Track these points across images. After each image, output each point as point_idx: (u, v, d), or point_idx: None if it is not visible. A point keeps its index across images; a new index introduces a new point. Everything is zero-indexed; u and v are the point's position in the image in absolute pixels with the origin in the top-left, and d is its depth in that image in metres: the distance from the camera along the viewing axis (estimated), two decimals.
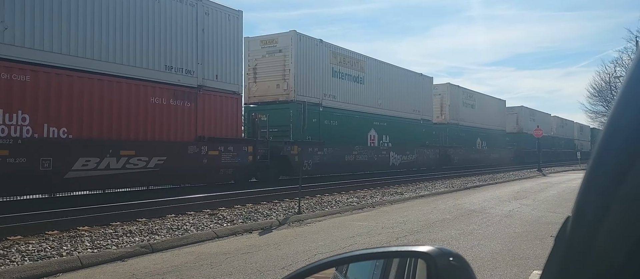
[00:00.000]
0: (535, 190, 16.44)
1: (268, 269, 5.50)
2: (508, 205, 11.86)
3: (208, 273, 5.38)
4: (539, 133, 32.45)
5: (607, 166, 0.48)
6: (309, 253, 6.40)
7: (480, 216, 9.81)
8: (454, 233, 7.81)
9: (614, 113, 0.49)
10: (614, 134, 0.48)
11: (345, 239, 7.36)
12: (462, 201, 12.80)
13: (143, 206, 9.87)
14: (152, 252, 6.54)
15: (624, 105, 0.48)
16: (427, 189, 16.38)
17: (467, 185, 18.44)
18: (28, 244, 6.59)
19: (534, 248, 6.51)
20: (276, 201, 12.04)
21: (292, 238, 7.57)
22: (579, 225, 0.50)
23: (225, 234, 7.84)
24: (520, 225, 8.67)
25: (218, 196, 11.79)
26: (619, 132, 0.47)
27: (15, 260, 5.82)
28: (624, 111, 0.48)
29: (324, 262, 1.02)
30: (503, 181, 21.07)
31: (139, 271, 5.53)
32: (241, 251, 6.59)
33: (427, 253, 0.90)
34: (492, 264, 5.63)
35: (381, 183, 17.33)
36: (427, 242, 5.74)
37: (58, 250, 6.34)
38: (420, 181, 19.24)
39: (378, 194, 14.38)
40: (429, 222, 9.04)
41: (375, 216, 10.12)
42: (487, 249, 6.46)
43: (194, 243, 7.19)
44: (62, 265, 5.64)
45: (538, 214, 10.14)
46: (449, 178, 21.28)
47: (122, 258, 6.17)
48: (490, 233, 7.75)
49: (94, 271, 5.59)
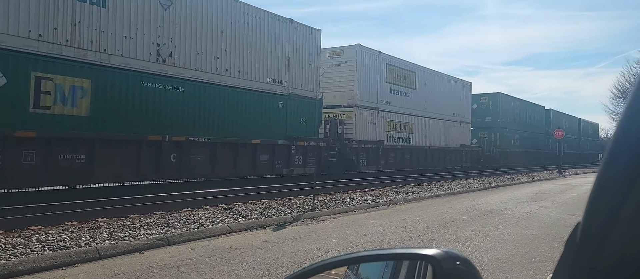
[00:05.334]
0: (554, 191, 16.15)
1: (281, 265, 5.53)
2: (526, 206, 11.68)
3: (222, 267, 5.43)
4: (559, 134, 32.17)
5: (618, 171, 0.46)
6: (322, 250, 6.41)
7: (496, 217, 9.69)
8: (470, 233, 7.73)
9: (624, 118, 0.47)
10: (624, 139, 0.46)
11: (359, 238, 7.34)
12: (478, 201, 12.65)
13: (160, 199, 10.02)
14: (168, 245, 6.64)
15: (635, 109, 0.46)
16: (443, 189, 16.24)
17: (484, 185, 18.22)
18: (48, 235, 6.75)
19: (552, 251, 6.39)
20: (290, 198, 12.08)
21: (305, 235, 7.59)
22: (588, 231, 0.49)
23: (240, 229, 7.90)
24: (538, 227, 8.54)
25: (233, 192, 11.89)
26: (629, 136, 0.46)
27: (35, 250, 5.97)
28: (634, 116, 0.46)
29: (328, 262, 1.02)
30: (521, 182, 20.75)
31: (155, 264, 5.62)
32: (255, 246, 6.64)
33: (433, 257, 0.89)
34: (507, 267, 5.55)
35: (396, 182, 17.25)
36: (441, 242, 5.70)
37: (77, 241, 6.48)
38: (436, 181, 19.08)
39: (393, 193, 14.31)
40: (444, 222, 8.96)
41: (389, 215, 10.07)
42: (503, 251, 6.37)
43: (209, 237, 7.27)
44: (80, 256, 5.76)
45: (557, 216, 9.96)
46: (466, 178, 21.06)
47: (139, 250, 6.27)
48: (507, 235, 7.65)
49: (111, 262, 5.70)
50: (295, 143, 16.32)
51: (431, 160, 25.71)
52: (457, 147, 28.57)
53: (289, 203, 11.23)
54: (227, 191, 11.91)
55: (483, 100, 35.25)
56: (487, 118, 34.64)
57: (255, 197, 11.59)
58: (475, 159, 30.98)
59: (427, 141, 25.33)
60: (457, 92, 28.99)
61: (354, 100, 20.21)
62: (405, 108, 23.61)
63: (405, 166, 23.22)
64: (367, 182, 16.37)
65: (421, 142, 24.77)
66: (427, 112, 25.26)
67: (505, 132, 35.03)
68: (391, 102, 22.43)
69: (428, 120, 25.40)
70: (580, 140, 55.51)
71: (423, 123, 24.99)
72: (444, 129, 27.06)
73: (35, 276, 5.06)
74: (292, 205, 10.91)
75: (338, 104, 20.15)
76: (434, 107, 25.98)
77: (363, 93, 20.53)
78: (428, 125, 25.41)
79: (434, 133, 25.93)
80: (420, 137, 24.69)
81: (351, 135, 19.73)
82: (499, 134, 34.40)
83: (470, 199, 13.30)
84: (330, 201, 11.71)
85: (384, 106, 21.95)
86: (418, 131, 24.53)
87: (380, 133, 21.52)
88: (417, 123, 24.53)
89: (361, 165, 20.07)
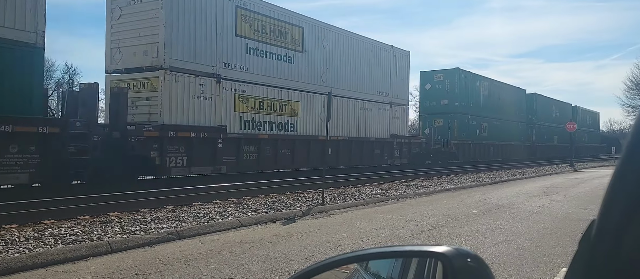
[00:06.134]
0: (566, 185, 15.99)
1: (291, 259, 5.54)
2: (537, 200, 11.57)
3: (232, 261, 5.47)
4: (571, 127, 31.76)
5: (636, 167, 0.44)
6: (332, 244, 6.42)
7: (507, 211, 9.61)
8: (480, 228, 7.68)
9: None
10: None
11: (368, 232, 7.34)
12: (489, 195, 12.56)
13: (171, 193, 10.10)
14: (179, 239, 6.69)
15: None
16: (453, 183, 16.15)
17: (494, 179, 18.10)
18: (61, 228, 6.84)
19: (564, 245, 6.33)
20: (300, 192, 12.10)
21: (315, 229, 7.60)
22: (604, 228, 0.47)
23: (250, 224, 7.94)
24: (549, 221, 8.46)
25: (243, 186, 11.95)
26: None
27: (48, 243, 6.06)
28: None
29: (337, 259, 1.01)
30: (533, 176, 20.57)
31: (165, 257, 5.67)
32: (265, 240, 6.66)
33: (444, 254, 0.87)
34: (519, 261, 5.51)
35: (406, 176, 17.20)
36: (451, 237, 5.65)
37: (89, 235, 6.56)
38: (446, 175, 18.98)
39: (402, 187, 14.27)
40: (454, 216, 8.91)
41: (399, 209, 10.05)
42: (514, 246, 6.33)
43: (219, 231, 7.32)
44: (92, 249, 5.83)
45: (569, 210, 9.86)
46: (476, 172, 20.92)
47: (150, 243, 6.33)
48: (518, 229, 7.59)
49: (122, 256, 5.76)
50: None
51: (337, 156, 18.43)
52: (386, 138, 21.48)
53: (299, 197, 11.25)
54: (236, 185, 11.97)
55: (438, 78, 27.72)
56: (442, 101, 27.08)
57: (265, 191, 11.63)
58: (418, 154, 24.00)
59: (329, 130, 15.75)
60: (386, 62, 21.66)
61: (159, 59, 12.80)
62: (282, 79, 16.51)
63: (280, 164, 16.41)
64: (377, 176, 16.33)
65: (312, 130, 17.41)
66: (326, 87, 16.72)
67: (466, 119, 27.53)
68: (249, 68, 15.23)
69: (327, 99, 17.24)
70: (576, 131, 43.84)
71: (317, 103, 17.49)
72: (360, 113, 20.01)
73: (48, 270, 5.13)
74: (302, 199, 10.94)
75: (139, 66, 13.24)
76: (343, 81, 19.05)
77: (180, 48, 13.15)
78: (331, 106, 16.71)
79: (342, 118, 18.72)
80: (311, 122, 17.48)
81: (156, 116, 12.78)
82: (457, 122, 26.87)
83: (480, 193, 13.22)
84: (339, 195, 11.72)
85: (233, 73, 14.71)
86: (307, 114, 17.38)
87: (223, 114, 14.35)
88: (305, 103, 17.34)
89: (170, 165, 12.57)
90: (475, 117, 28.47)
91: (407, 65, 23.59)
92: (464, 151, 27.13)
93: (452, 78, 27.38)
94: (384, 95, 21.67)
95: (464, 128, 27.29)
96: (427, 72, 28.63)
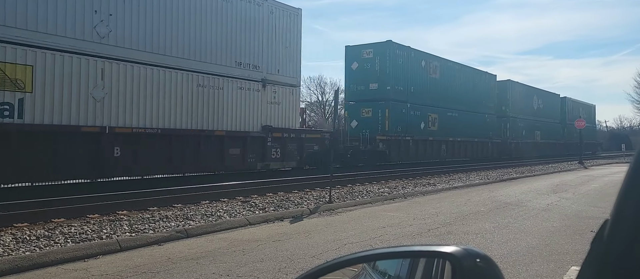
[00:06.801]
0: (575, 182, 15.84)
1: (298, 257, 5.55)
2: (546, 198, 11.48)
3: (240, 259, 5.48)
4: (580, 124, 31.57)
5: None
6: (339, 242, 6.42)
7: (516, 209, 9.55)
8: (489, 226, 7.64)
9: None
10: None
11: (376, 230, 7.32)
12: (497, 193, 12.49)
13: (179, 192, 10.15)
14: (187, 237, 6.73)
15: None
16: (461, 180, 16.07)
17: (503, 177, 17.98)
18: (70, 227, 6.91)
19: (573, 243, 6.28)
20: (307, 190, 12.11)
21: (322, 227, 7.60)
22: (618, 229, 0.46)
23: (257, 222, 7.96)
24: (559, 219, 8.39)
25: (251, 184, 11.98)
26: None
27: (58, 242, 6.12)
28: None
29: (345, 259, 1.01)
30: (542, 174, 20.41)
31: (174, 256, 5.70)
32: (272, 238, 6.68)
33: (452, 254, 0.86)
34: (528, 259, 5.47)
35: (413, 174, 17.14)
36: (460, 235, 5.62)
37: (98, 233, 6.62)
38: (454, 173, 18.89)
39: (410, 185, 14.22)
40: (462, 214, 8.87)
41: (406, 207, 10.02)
42: (523, 244, 6.28)
43: (227, 229, 7.35)
44: (102, 248, 5.88)
45: (578, 208, 9.77)
46: (485, 170, 20.80)
47: (158, 242, 6.37)
48: (527, 227, 7.53)
49: (131, 255, 5.80)
50: None
51: (134, 159, 11.97)
52: (254, 131, 15.13)
53: (306, 195, 11.26)
54: (244, 183, 12.01)
55: (366, 55, 21.53)
56: (371, 85, 21.37)
57: (273, 190, 11.66)
58: (318, 153, 17.27)
59: (113, 117, 11.43)
60: (255, 21, 15.11)
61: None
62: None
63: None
64: (385, 174, 16.30)
65: (65, 117, 10.69)
66: (105, 46, 11.24)
67: (403, 109, 21.72)
68: None
69: (138, 69, 11.95)
70: (565, 126, 40.43)
71: (77, 70, 10.85)
72: (198, 93, 13.49)
73: (58, 268, 5.18)
74: (309, 197, 10.94)
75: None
76: (174, 46, 12.87)
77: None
78: (138, 79, 11.96)
79: (167, 101, 12.71)
80: (61, 102, 10.61)
81: None
82: (389, 111, 21.03)
83: (489, 191, 13.14)
84: (347, 193, 11.71)
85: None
86: (49, 88, 10.39)
87: None
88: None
89: None
90: (420, 106, 22.69)
91: (298, 29, 16.75)
92: (399, 150, 21.34)
93: (383, 55, 21.10)
94: (251, 69, 15.06)
95: (399, 120, 21.31)
96: (354, 47, 22.15)
